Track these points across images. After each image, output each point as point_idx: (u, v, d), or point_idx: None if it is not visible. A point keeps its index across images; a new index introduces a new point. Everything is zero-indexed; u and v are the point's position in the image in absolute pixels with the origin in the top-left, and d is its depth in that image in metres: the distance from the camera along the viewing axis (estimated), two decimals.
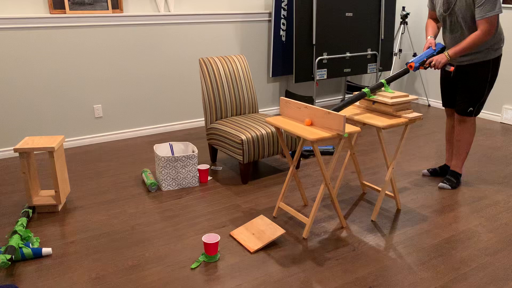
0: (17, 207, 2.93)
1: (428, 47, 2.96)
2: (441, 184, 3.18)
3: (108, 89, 4.15)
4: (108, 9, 3.94)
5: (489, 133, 4.45)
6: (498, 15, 2.75)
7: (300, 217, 2.58)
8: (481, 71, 2.93)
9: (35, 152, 3.94)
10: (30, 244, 2.37)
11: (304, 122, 2.47)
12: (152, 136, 4.42)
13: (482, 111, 5.00)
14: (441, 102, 3.33)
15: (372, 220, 2.74)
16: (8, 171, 3.53)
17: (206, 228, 2.65)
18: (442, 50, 2.94)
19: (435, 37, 3.06)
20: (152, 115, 4.45)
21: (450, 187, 3.16)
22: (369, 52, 5.21)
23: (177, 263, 2.31)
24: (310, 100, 4.81)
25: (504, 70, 4.72)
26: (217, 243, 2.29)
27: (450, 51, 2.82)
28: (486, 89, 2.99)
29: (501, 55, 2.95)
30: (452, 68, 2.80)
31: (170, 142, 3.40)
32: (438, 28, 3.11)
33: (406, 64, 2.84)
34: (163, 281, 2.16)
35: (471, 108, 3.01)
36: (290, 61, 5.03)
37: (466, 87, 3.00)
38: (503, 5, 4.56)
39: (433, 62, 2.84)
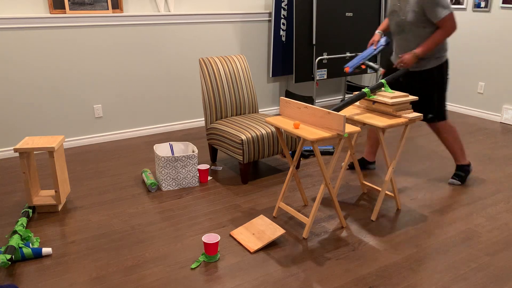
0: (17, 207, 2.93)
1: (372, 43, 3.04)
2: (450, 180, 3.22)
3: (108, 89, 4.15)
4: (108, 9, 3.94)
5: (489, 133, 4.45)
6: (452, 12, 2.79)
7: (300, 217, 2.58)
8: (426, 78, 2.98)
9: (35, 152, 3.94)
10: (30, 244, 2.37)
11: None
12: (152, 136, 4.41)
13: (482, 111, 5.00)
14: None
15: (372, 220, 2.74)
16: (8, 171, 3.53)
17: (206, 228, 2.65)
18: (387, 44, 3.00)
19: (385, 32, 3.12)
20: (152, 115, 4.45)
21: (460, 183, 3.19)
22: None
23: (177, 263, 2.31)
24: (310, 100, 4.81)
25: (503, 70, 4.72)
26: (217, 243, 2.29)
27: (418, 50, 2.85)
28: (437, 95, 3.00)
29: (445, 62, 2.97)
30: (382, 71, 2.87)
31: (170, 142, 3.40)
32: None
33: (344, 67, 2.89)
34: (163, 281, 2.16)
35: (430, 115, 3.04)
36: (290, 61, 5.03)
37: (415, 95, 3.03)
38: (503, 5, 4.58)
39: (402, 63, 2.90)
